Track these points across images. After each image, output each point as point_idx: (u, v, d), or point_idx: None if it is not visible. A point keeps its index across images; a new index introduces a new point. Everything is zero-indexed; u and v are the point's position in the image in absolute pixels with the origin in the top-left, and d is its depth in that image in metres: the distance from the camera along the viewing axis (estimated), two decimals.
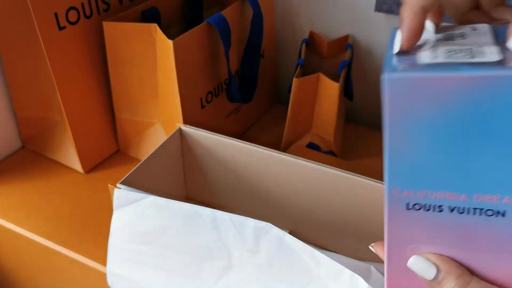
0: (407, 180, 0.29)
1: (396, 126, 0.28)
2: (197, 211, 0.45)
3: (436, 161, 0.28)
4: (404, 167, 0.28)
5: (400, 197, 0.29)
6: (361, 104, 0.87)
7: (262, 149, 0.57)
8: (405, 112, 0.27)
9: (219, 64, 0.70)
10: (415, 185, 0.29)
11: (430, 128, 0.27)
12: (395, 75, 0.27)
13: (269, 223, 0.43)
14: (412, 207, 0.29)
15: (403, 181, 0.29)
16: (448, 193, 0.28)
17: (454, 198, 0.28)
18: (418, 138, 0.27)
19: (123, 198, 0.48)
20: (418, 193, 0.29)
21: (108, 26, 0.64)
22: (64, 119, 0.67)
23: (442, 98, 0.26)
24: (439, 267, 0.30)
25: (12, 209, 0.65)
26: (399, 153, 0.28)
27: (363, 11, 0.78)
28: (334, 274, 0.40)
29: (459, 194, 0.28)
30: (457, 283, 0.29)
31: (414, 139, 0.28)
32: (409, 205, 0.29)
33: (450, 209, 0.29)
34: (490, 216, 0.28)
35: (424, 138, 0.27)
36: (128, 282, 0.50)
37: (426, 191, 0.29)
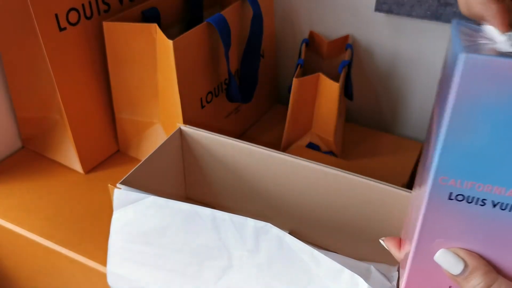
0: (457, 168, 0.28)
1: (461, 109, 0.27)
2: (197, 211, 0.45)
3: (489, 152, 0.27)
4: (457, 154, 0.28)
5: (445, 185, 0.29)
6: (361, 104, 0.87)
7: (262, 149, 0.57)
8: (474, 96, 0.26)
9: (219, 64, 0.70)
10: (464, 175, 0.28)
11: (494, 116, 0.27)
12: (473, 56, 0.26)
13: (269, 223, 0.43)
14: (455, 197, 0.29)
15: (453, 169, 0.28)
16: (496, 187, 0.28)
17: (500, 193, 0.28)
18: (480, 125, 0.27)
19: (123, 198, 0.48)
20: (465, 184, 0.29)
21: (108, 26, 0.64)
22: (64, 119, 0.67)
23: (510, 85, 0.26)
24: (466, 263, 0.30)
25: (12, 209, 0.65)
26: (456, 139, 0.28)
27: (363, 11, 0.78)
28: (334, 274, 0.40)
29: (506, 188, 0.28)
30: (483, 279, 0.29)
31: (475, 126, 0.27)
32: (452, 195, 0.29)
33: (493, 204, 0.29)
34: None
35: (486, 126, 0.27)
36: (128, 282, 0.50)
37: (474, 182, 0.28)
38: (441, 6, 0.69)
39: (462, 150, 0.28)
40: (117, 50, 0.66)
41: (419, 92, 0.81)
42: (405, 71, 0.80)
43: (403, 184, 0.70)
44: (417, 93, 0.81)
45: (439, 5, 0.69)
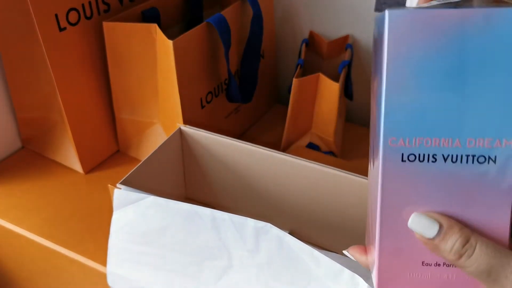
0: (402, 127, 0.29)
1: (394, 68, 0.28)
2: (197, 211, 0.45)
3: (431, 105, 0.28)
4: (400, 112, 0.29)
5: (395, 146, 0.29)
6: (361, 104, 0.87)
7: (262, 149, 0.57)
8: (405, 52, 0.28)
9: (219, 64, 0.70)
10: (411, 132, 0.29)
11: (428, 69, 0.28)
12: (397, 12, 0.27)
13: (269, 223, 0.43)
14: (407, 158, 0.29)
15: (399, 128, 0.29)
16: (442, 139, 0.29)
17: (448, 145, 0.29)
18: (417, 79, 0.28)
19: (123, 198, 0.48)
20: (413, 141, 0.29)
21: (108, 26, 0.64)
22: (64, 119, 0.67)
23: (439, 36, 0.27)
24: (441, 223, 0.29)
25: (12, 209, 0.65)
26: (395, 98, 0.28)
27: (363, 11, 0.78)
28: (334, 274, 0.40)
29: (452, 139, 0.29)
30: (460, 235, 0.29)
31: (412, 81, 0.28)
32: (404, 156, 0.29)
33: (443, 158, 0.29)
34: (482, 163, 0.29)
35: (421, 80, 0.28)
36: (128, 282, 0.50)
37: (421, 138, 0.29)
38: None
39: (405, 108, 0.29)
40: (117, 50, 0.66)
41: None
42: None
43: None
44: None
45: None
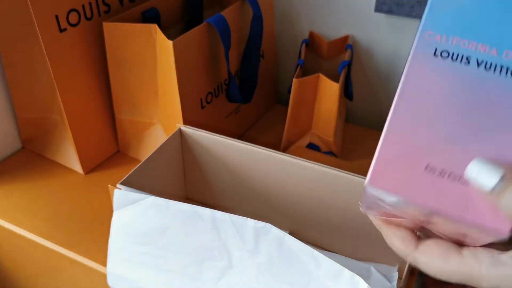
0: (444, 23, 0.29)
1: None
2: (197, 211, 0.45)
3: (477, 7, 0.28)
4: (444, 8, 0.29)
5: (431, 40, 0.29)
6: (361, 104, 0.87)
7: (262, 149, 0.57)
8: None
9: (219, 64, 0.70)
10: (450, 30, 0.29)
11: None
12: None
13: (269, 223, 0.43)
14: (440, 54, 0.29)
15: (439, 24, 0.29)
16: (480, 44, 0.28)
17: (484, 51, 0.28)
18: None
19: (123, 199, 0.48)
20: (450, 39, 0.29)
21: (108, 26, 0.64)
22: (64, 120, 0.68)
23: None
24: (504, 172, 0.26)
25: (12, 209, 0.65)
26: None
27: (363, 11, 0.78)
28: (334, 274, 0.40)
29: (489, 46, 0.28)
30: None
31: None
32: (437, 51, 0.29)
33: (477, 63, 0.29)
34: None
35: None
36: (128, 282, 0.50)
37: (459, 38, 0.29)
38: None
39: (450, 4, 0.29)
40: (117, 50, 0.66)
41: None
42: None
43: None
44: None
45: None
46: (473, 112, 0.29)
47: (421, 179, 0.29)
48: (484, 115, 0.29)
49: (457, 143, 0.29)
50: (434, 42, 0.29)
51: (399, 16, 0.75)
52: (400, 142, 0.30)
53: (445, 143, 0.29)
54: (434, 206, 0.29)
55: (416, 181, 0.29)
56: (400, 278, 0.45)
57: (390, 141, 0.31)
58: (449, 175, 0.29)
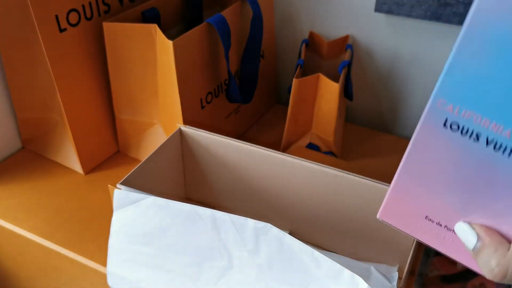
0: (459, 94, 0.27)
1: (473, 34, 0.26)
2: (197, 211, 0.45)
3: (496, 84, 0.26)
4: (462, 78, 0.27)
5: (442, 110, 0.28)
6: (361, 104, 0.87)
7: (262, 149, 0.57)
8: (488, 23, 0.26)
9: (219, 64, 0.70)
10: (464, 102, 0.27)
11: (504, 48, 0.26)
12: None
13: (269, 223, 0.43)
14: (450, 125, 0.28)
15: (454, 93, 0.28)
16: (494, 123, 0.27)
17: (497, 131, 0.27)
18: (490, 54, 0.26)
19: (123, 199, 0.48)
20: (463, 112, 0.28)
21: (108, 26, 0.64)
22: (64, 120, 0.68)
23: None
24: (479, 236, 0.30)
25: (12, 209, 0.65)
26: (463, 63, 0.27)
27: (363, 11, 0.78)
28: (334, 274, 0.40)
29: (504, 127, 0.27)
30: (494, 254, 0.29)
31: (485, 53, 0.26)
32: (447, 122, 0.28)
33: (487, 141, 0.28)
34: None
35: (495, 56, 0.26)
36: (128, 282, 0.50)
37: (472, 112, 0.27)
38: (441, 7, 0.69)
39: (468, 76, 0.27)
40: (117, 50, 0.66)
41: (419, 92, 0.81)
42: (405, 71, 0.80)
43: None
44: (417, 93, 0.81)
45: (439, 6, 0.69)
46: (472, 185, 0.29)
47: (422, 223, 0.33)
48: (482, 188, 0.29)
49: (454, 206, 0.31)
50: (445, 112, 0.28)
51: (399, 16, 0.75)
52: (406, 193, 0.32)
53: (443, 204, 0.31)
54: (433, 245, 0.33)
55: (418, 224, 0.33)
56: (400, 278, 0.45)
57: (398, 188, 0.33)
58: (445, 226, 0.32)
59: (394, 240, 0.53)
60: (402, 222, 0.34)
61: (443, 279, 0.69)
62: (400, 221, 0.34)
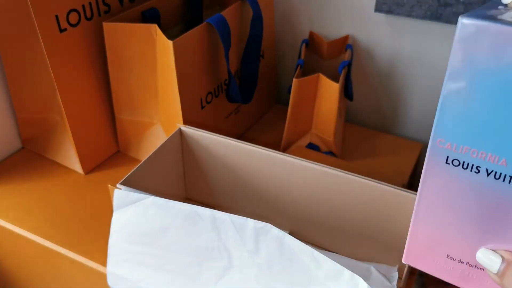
0: (453, 132, 0.29)
1: (458, 72, 0.28)
2: (197, 211, 0.45)
3: (486, 119, 0.28)
4: (453, 117, 0.29)
5: (442, 148, 0.30)
6: (361, 104, 0.87)
7: (262, 149, 0.57)
8: (471, 60, 0.27)
9: (219, 64, 0.70)
10: (459, 139, 0.29)
11: (491, 83, 0.27)
12: (470, 20, 0.27)
13: (269, 223, 0.43)
14: (451, 162, 0.30)
15: (449, 132, 0.29)
16: (489, 154, 0.29)
17: (494, 161, 0.29)
18: (477, 90, 0.28)
19: (123, 199, 0.48)
20: (460, 148, 0.29)
21: (108, 26, 0.64)
22: (64, 120, 0.68)
23: (505, 52, 0.26)
24: (503, 257, 0.30)
25: (12, 209, 0.65)
26: (452, 102, 0.28)
27: (363, 11, 0.78)
28: (334, 274, 0.40)
29: (499, 157, 0.28)
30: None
31: (472, 91, 0.28)
32: (449, 159, 0.30)
33: (487, 172, 0.29)
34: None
35: (482, 92, 0.27)
36: (128, 282, 0.50)
37: (468, 147, 0.29)
38: (441, 7, 0.69)
39: (458, 114, 0.29)
40: (117, 50, 0.66)
41: (419, 92, 0.81)
42: (405, 71, 0.80)
43: (403, 184, 0.70)
44: (417, 93, 0.81)
45: (439, 6, 0.70)
46: (484, 216, 0.30)
47: (444, 263, 0.33)
48: (493, 217, 0.30)
49: (471, 239, 0.32)
50: (445, 150, 0.30)
51: (399, 16, 0.75)
52: (424, 234, 0.34)
53: (460, 239, 0.32)
54: (460, 285, 0.33)
55: (441, 264, 0.34)
56: (400, 278, 0.45)
57: (415, 230, 0.34)
58: (467, 263, 0.32)
59: (394, 240, 0.53)
60: (427, 264, 0.34)
61: None
62: (424, 263, 0.34)
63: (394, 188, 0.50)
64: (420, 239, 0.34)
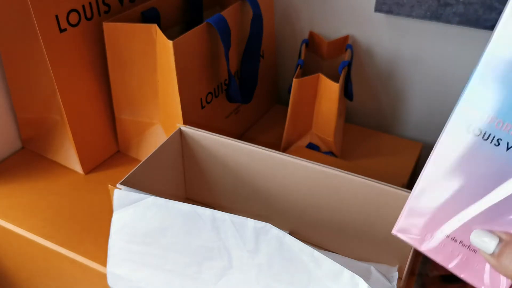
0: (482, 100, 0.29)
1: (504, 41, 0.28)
2: (197, 211, 0.45)
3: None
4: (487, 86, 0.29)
5: (467, 116, 0.30)
6: (361, 104, 0.87)
7: (262, 149, 0.57)
8: None
9: (219, 64, 0.70)
10: (487, 108, 0.29)
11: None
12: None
13: (269, 223, 0.43)
14: (473, 131, 0.30)
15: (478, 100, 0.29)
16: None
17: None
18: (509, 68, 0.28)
19: (123, 199, 0.48)
20: (486, 117, 0.29)
21: (108, 26, 0.64)
22: (64, 120, 0.68)
23: None
24: (501, 237, 0.30)
25: (12, 209, 0.65)
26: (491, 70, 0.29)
27: (363, 11, 0.78)
28: (334, 274, 0.40)
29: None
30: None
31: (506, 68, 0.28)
32: (471, 127, 0.30)
33: (507, 147, 0.29)
34: None
35: None
36: (128, 282, 0.50)
37: (494, 117, 0.29)
38: (441, 7, 0.69)
39: (493, 83, 0.29)
40: (117, 50, 0.66)
41: (419, 92, 0.81)
42: (405, 71, 0.80)
43: (403, 184, 0.70)
44: (417, 93, 0.81)
45: (439, 6, 0.69)
46: (490, 192, 0.30)
47: (437, 239, 0.33)
48: (502, 196, 0.30)
49: (473, 216, 0.31)
50: (469, 118, 0.30)
51: (399, 16, 0.75)
52: (426, 202, 0.33)
53: (462, 214, 0.32)
54: (443, 263, 0.33)
55: (433, 240, 0.33)
56: (400, 278, 0.45)
57: (417, 199, 0.34)
58: (460, 242, 0.32)
59: (394, 240, 0.53)
60: (415, 239, 0.34)
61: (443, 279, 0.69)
62: (415, 237, 0.34)
63: (394, 188, 0.50)
64: (418, 209, 0.33)
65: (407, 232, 0.34)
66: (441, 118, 0.80)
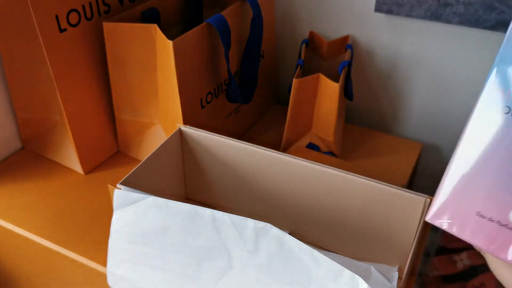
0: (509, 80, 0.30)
1: None
2: (197, 211, 0.45)
3: None
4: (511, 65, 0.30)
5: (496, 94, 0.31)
6: (361, 104, 0.87)
7: (262, 149, 0.57)
8: None
9: (219, 64, 0.70)
10: None
11: None
12: None
13: (269, 223, 0.43)
14: (503, 109, 0.31)
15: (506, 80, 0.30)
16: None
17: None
18: None
19: (123, 199, 0.48)
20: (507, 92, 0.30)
21: (108, 26, 0.64)
22: (64, 120, 0.68)
23: None
24: None
25: (12, 209, 0.65)
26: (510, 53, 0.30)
27: (363, 11, 0.78)
28: (334, 274, 0.40)
29: None
30: None
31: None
32: (501, 105, 0.31)
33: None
34: None
35: None
36: (128, 282, 0.50)
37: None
38: (440, 7, 0.69)
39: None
40: (117, 50, 0.66)
41: (419, 92, 0.81)
42: (405, 71, 0.80)
43: (403, 184, 0.70)
44: (417, 93, 0.81)
45: (439, 6, 0.70)
46: None
47: (472, 222, 0.33)
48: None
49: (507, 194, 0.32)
50: (499, 96, 0.30)
51: (399, 16, 0.75)
52: (460, 185, 0.33)
53: (499, 195, 0.32)
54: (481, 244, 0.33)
55: (468, 222, 0.33)
56: (400, 278, 0.45)
57: (452, 181, 0.34)
58: (498, 221, 0.32)
59: (394, 240, 0.53)
60: (451, 223, 0.34)
61: (443, 279, 0.69)
62: (449, 221, 0.34)
63: (394, 188, 0.50)
64: (452, 193, 0.33)
65: (440, 217, 0.34)
66: (441, 118, 0.81)
